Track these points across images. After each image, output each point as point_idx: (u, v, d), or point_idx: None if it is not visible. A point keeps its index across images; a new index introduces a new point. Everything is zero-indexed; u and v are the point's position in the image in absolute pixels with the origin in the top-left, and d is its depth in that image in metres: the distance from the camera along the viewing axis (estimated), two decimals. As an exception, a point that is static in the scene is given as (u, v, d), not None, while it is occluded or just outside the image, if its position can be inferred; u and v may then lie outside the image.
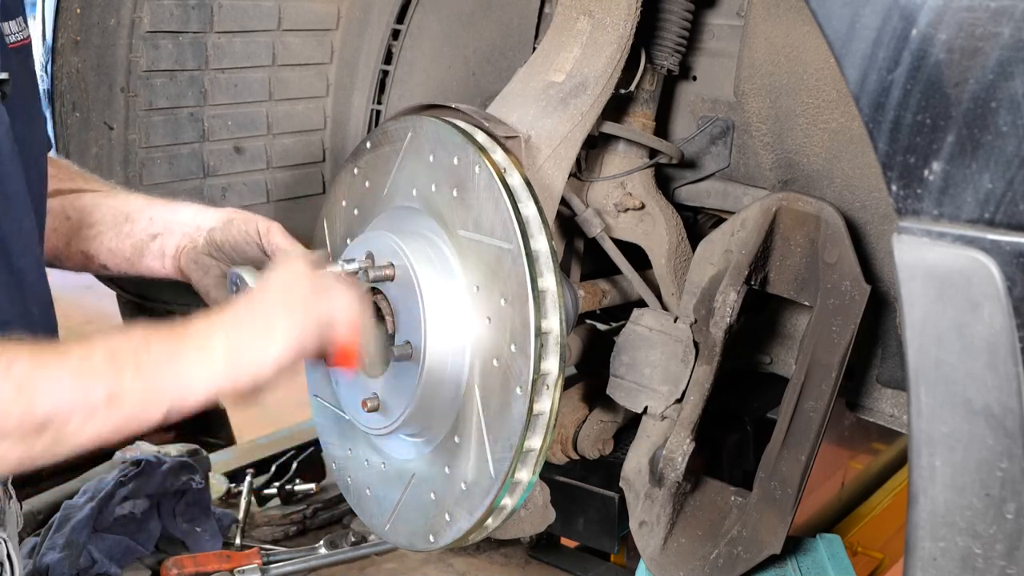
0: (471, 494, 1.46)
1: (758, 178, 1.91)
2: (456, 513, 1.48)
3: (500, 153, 1.50)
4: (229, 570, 2.19)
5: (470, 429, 1.45)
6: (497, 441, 1.42)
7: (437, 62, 2.29)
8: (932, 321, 1.01)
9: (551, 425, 1.41)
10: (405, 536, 1.60)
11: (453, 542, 1.51)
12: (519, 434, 1.38)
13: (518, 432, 1.38)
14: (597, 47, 1.70)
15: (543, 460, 1.45)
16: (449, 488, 1.49)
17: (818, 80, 1.70)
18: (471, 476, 1.46)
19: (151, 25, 2.11)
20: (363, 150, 1.67)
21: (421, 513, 1.55)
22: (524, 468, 1.43)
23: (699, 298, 1.76)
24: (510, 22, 2.25)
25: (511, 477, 1.41)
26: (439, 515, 1.51)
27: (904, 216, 1.02)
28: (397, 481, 1.59)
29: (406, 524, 1.59)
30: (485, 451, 1.43)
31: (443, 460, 1.50)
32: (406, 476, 1.57)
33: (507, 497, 1.46)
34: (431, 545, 1.54)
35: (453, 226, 1.48)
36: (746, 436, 2.13)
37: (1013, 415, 0.99)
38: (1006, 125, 0.95)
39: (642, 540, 1.81)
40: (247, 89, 2.32)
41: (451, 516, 1.49)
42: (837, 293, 1.60)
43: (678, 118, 2.05)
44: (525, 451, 1.41)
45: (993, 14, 0.96)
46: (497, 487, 1.42)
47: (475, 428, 1.45)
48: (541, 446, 1.42)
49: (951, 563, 1.07)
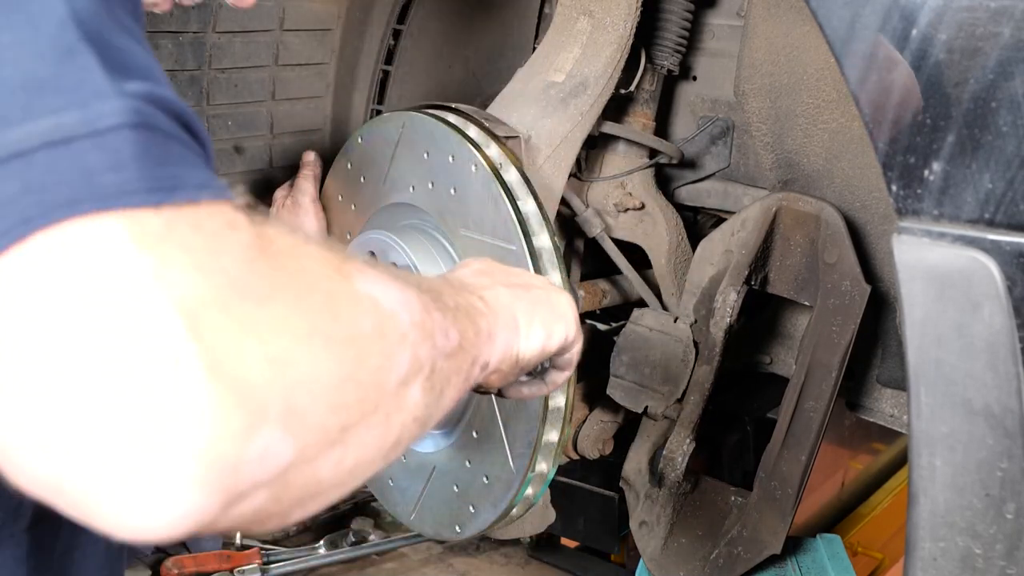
0: (493, 487, 1.49)
1: (758, 178, 1.91)
2: (480, 505, 1.51)
3: (494, 148, 1.51)
4: (229, 570, 2.19)
5: (487, 424, 1.48)
6: (516, 436, 1.45)
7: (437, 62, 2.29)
8: (932, 321, 1.01)
9: (567, 418, 1.45)
10: (431, 526, 1.63)
11: (479, 532, 1.55)
12: (536, 429, 1.41)
13: (535, 427, 1.41)
14: (597, 47, 1.70)
15: (561, 452, 1.49)
16: (471, 481, 1.52)
17: (818, 80, 1.70)
18: (492, 470, 1.49)
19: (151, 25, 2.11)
20: (355, 145, 1.68)
21: (445, 504, 1.58)
22: (543, 461, 1.47)
23: (699, 298, 1.76)
24: (510, 22, 2.24)
25: (532, 471, 1.45)
26: (463, 507, 1.54)
27: (904, 216, 1.02)
28: (419, 473, 1.62)
29: (431, 514, 1.62)
30: (504, 446, 1.46)
31: (463, 454, 1.53)
32: (427, 469, 1.60)
33: (529, 488, 1.48)
34: (458, 535, 1.58)
35: (454, 225, 1.49)
36: (746, 436, 2.13)
37: (1013, 415, 0.99)
38: (1006, 125, 0.95)
39: (642, 540, 1.81)
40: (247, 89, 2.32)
41: (475, 508, 1.52)
42: (837, 293, 1.60)
43: (678, 118, 2.05)
44: (543, 444, 1.44)
45: (993, 14, 0.96)
46: (519, 482, 1.45)
47: (492, 424, 1.47)
48: (559, 439, 1.45)
49: (951, 563, 1.07)
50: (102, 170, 0.52)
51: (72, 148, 0.51)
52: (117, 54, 0.56)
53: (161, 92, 0.57)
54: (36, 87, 0.52)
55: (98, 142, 0.52)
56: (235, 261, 0.54)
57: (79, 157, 0.51)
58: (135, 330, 0.49)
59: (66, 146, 0.51)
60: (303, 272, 0.58)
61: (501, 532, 1.65)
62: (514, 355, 0.90)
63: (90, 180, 0.51)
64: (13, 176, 0.50)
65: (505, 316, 0.89)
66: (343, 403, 0.58)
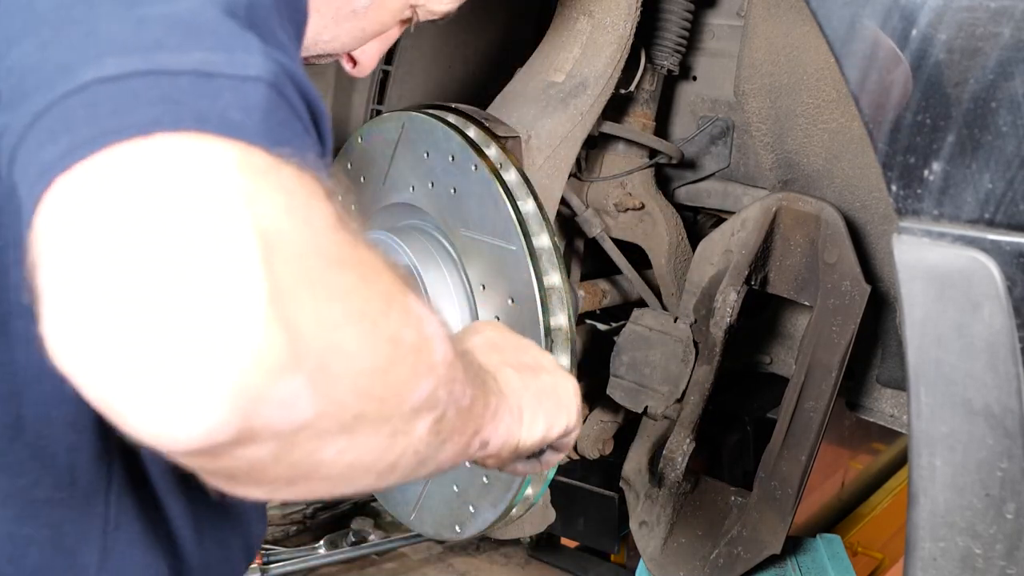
0: (493, 488, 1.48)
1: (758, 178, 1.91)
2: (480, 505, 1.51)
3: (494, 148, 1.51)
4: (229, 570, 2.19)
5: None
6: None
7: (437, 62, 2.28)
8: (932, 321, 1.01)
9: None
10: (431, 526, 1.62)
11: (479, 532, 1.54)
12: None
13: None
14: (597, 47, 1.70)
15: None
16: (471, 481, 1.52)
17: (818, 80, 1.70)
18: (492, 471, 1.48)
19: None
20: (355, 145, 1.67)
21: (445, 504, 1.57)
22: None
23: (699, 298, 1.76)
24: (510, 22, 2.24)
25: None
26: (463, 507, 1.54)
27: (904, 216, 1.02)
28: None
29: (431, 514, 1.62)
30: None
31: None
32: None
33: (529, 488, 1.48)
34: (458, 535, 1.58)
35: (454, 225, 1.49)
36: (746, 436, 2.13)
37: (1013, 415, 0.99)
38: (1006, 125, 0.95)
39: (642, 540, 1.81)
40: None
41: (475, 508, 1.52)
42: (837, 293, 1.60)
43: (678, 118, 2.05)
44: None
45: (993, 14, 0.96)
46: (518, 482, 1.44)
47: None
48: None
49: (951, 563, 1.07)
50: (232, 107, 0.57)
51: (214, 82, 0.57)
52: (271, 35, 0.64)
53: (301, 75, 0.63)
54: (197, 28, 0.59)
55: (236, 84, 0.58)
56: (322, 221, 0.57)
57: (217, 90, 0.57)
58: (215, 242, 0.52)
59: (209, 79, 0.58)
60: (372, 263, 0.61)
61: (501, 532, 1.65)
62: (514, 443, 0.91)
63: (219, 109, 0.57)
64: (156, 86, 0.56)
65: (512, 403, 0.90)
66: (367, 392, 0.59)
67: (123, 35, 0.58)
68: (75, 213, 0.53)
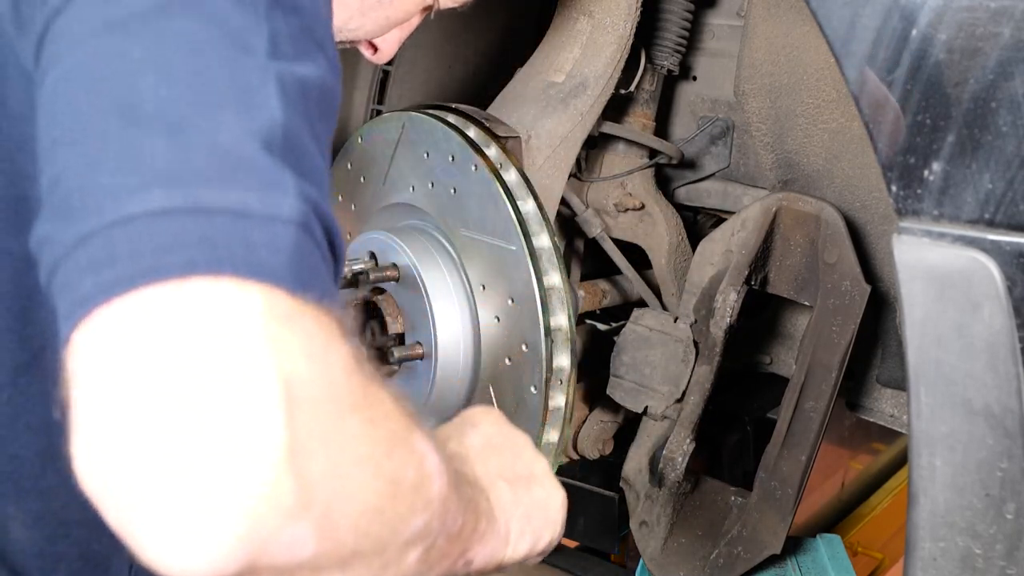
0: None
1: (758, 178, 1.91)
2: None
3: (494, 148, 1.51)
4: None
5: None
6: None
7: (437, 62, 2.28)
8: (932, 321, 1.01)
9: (567, 417, 1.45)
10: None
11: None
12: (536, 429, 1.41)
13: (535, 427, 1.41)
14: (597, 47, 1.70)
15: (561, 452, 1.49)
16: None
17: (818, 80, 1.70)
18: None
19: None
20: (355, 145, 1.67)
21: None
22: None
23: (699, 298, 1.76)
24: (510, 22, 2.24)
25: None
26: None
27: (904, 216, 1.02)
28: None
29: None
30: None
31: None
32: None
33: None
34: None
35: (454, 225, 1.49)
36: (746, 436, 2.13)
37: (1013, 415, 0.99)
38: (1006, 125, 0.95)
39: (642, 540, 1.81)
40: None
41: None
42: (837, 293, 1.60)
43: (678, 118, 2.05)
44: (543, 444, 1.43)
45: (993, 14, 0.96)
46: None
47: None
48: (559, 439, 1.45)
49: (951, 563, 1.07)
50: (263, 248, 0.62)
51: (248, 222, 0.62)
52: (304, 157, 0.67)
53: (325, 206, 0.68)
54: (236, 163, 0.63)
55: (268, 226, 0.62)
56: (340, 364, 0.62)
57: (249, 231, 0.61)
58: (241, 390, 0.56)
59: (244, 219, 0.62)
60: (381, 404, 0.66)
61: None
62: (497, 561, 0.93)
63: (251, 252, 0.61)
64: (195, 227, 0.60)
65: (501, 524, 0.92)
66: (365, 530, 0.63)
67: (168, 164, 0.61)
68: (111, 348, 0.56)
